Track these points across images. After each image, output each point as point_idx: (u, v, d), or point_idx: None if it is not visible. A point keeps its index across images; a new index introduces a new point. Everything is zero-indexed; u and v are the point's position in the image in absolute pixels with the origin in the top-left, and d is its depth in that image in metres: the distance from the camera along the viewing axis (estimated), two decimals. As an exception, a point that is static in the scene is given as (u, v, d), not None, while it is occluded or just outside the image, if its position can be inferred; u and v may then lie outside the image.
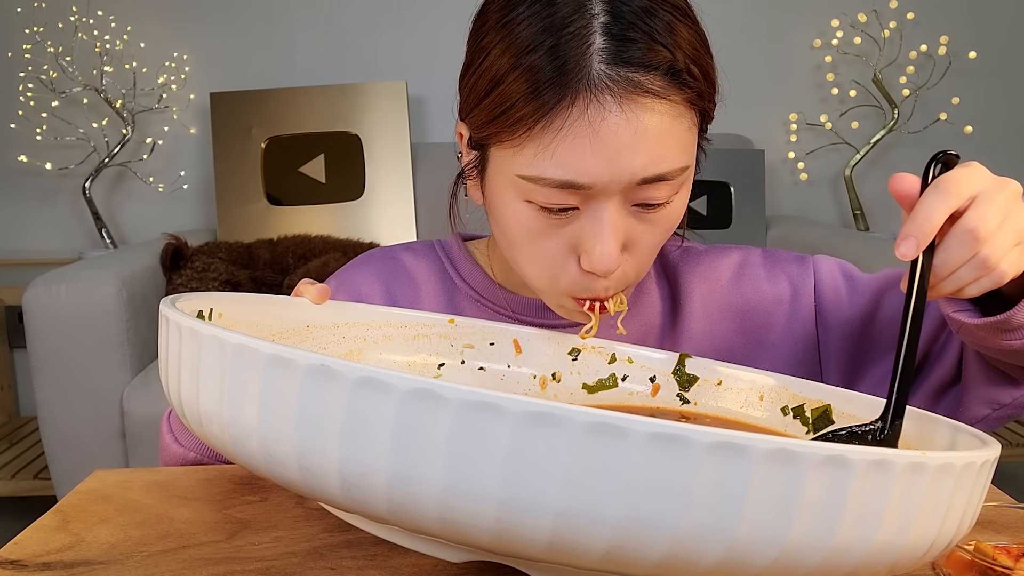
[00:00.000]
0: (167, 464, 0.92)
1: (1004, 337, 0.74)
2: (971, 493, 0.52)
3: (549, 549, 0.47)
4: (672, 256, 1.02)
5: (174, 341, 0.59)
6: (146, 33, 3.09)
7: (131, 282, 2.24)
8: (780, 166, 3.23)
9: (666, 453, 0.44)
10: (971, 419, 0.88)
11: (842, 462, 0.45)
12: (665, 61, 0.74)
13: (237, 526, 0.73)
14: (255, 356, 0.51)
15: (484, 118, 0.79)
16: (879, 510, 0.47)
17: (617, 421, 0.44)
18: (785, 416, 0.80)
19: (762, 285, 0.99)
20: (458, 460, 0.46)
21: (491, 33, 0.79)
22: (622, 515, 0.45)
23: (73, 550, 0.69)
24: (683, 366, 0.86)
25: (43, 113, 3.02)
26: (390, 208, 2.90)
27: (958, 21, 3.16)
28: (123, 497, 0.79)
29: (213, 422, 0.55)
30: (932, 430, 0.67)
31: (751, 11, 3.17)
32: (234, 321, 0.76)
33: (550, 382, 0.89)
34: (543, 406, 0.44)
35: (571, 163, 0.74)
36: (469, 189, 0.89)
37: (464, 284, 1.00)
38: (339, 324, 0.85)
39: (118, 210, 3.18)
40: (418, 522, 0.49)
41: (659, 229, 0.81)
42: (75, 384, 2.16)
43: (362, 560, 0.67)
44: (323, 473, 0.49)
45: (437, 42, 3.13)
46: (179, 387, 0.59)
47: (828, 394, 0.78)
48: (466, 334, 0.89)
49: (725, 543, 0.46)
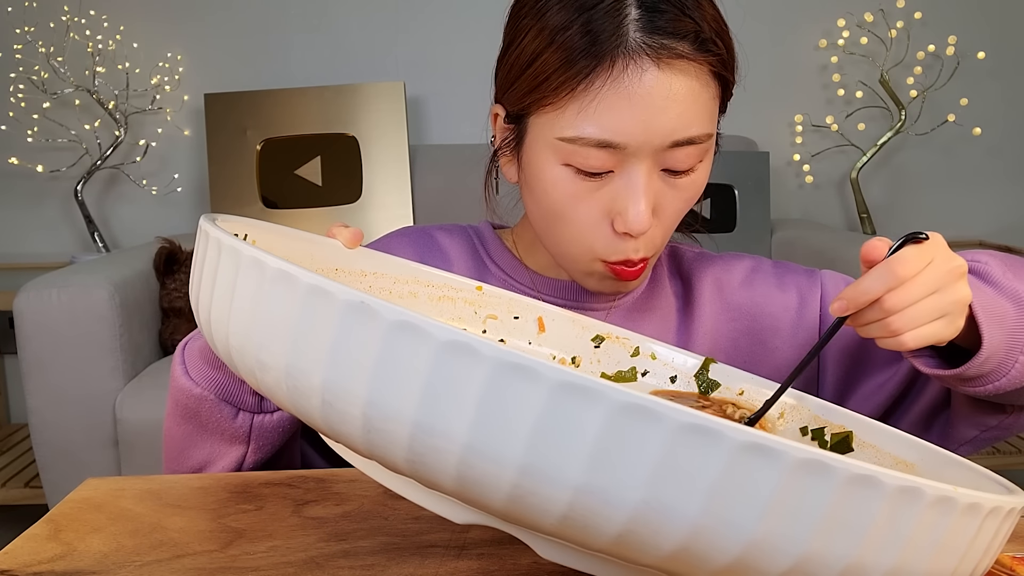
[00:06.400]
0: (172, 398, 0.91)
1: (966, 386, 0.83)
2: (994, 537, 0.51)
3: (561, 524, 0.46)
4: (688, 258, 1.08)
5: (212, 257, 0.59)
6: (139, 33, 3.07)
7: (124, 287, 2.23)
8: (785, 168, 3.21)
9: (697, 445, 0.43)
10: (960, 440, 0.94)
11: (873, 482, 0.44)
12: (692, 30, 0.83)
13: (232, 535, 0.73)
14: (294, 284, 0.51)
15: (526, 88, 0.86)
16: (902, 536, 0.46)
17: (653, 405, 0.43)
18: (804, 436, 0.79)
19: (772, 291, 1.03)
20: (485, 420, 0.45)
21: (528, 17, 0.87)
22: (641, 500, 0.44)
23: (65, 560, 0.68)
24: (706, 370, 0.86)
25: (34, 115, 3.01)
26: (388, 211, 2.87)
27: (966, 21, 3.14)
28: (116, 506, 0.79)
29: (243, 346, 0.55)
30: (956, 473, 0.66)
31: (755, 10, 3.14)
32: (266, 250, 0.76)
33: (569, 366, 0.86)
34: (579, 378, 0.43)
35: (609, 122, 0.82)
36: (503, 167, 0.96)
37: (494, 265, 1.04)
38: (367, 273, 0.86)
39: (110, 213, 3.16)
40: (434, 477, 0.48)
41: (684, 196, 0.89)
42: (67, 391, 2.16)
43: (359, 570, 0.67)
44: (347, 413, 0.49)
45: (436, 42, 3.10)
46: (210, 305, 0.58)
47: (851, 421, 0.77)
48: (492, 303, 0.90)
49: (741, 545, 0.45)
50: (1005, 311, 0.81)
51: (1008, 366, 0.81)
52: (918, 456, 0.69)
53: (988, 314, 0.80)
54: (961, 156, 3.21)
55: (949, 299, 0.74)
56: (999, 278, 0.83)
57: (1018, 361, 0.81)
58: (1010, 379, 0.81)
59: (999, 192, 3.25)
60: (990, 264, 0.84)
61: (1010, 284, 0.83)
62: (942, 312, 0.74)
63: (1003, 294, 0.82)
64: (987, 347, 0.79)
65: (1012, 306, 0.82)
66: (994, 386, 0.82)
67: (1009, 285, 0.82)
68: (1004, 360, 0.81)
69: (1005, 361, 0.81)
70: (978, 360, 0.79)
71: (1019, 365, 0.81)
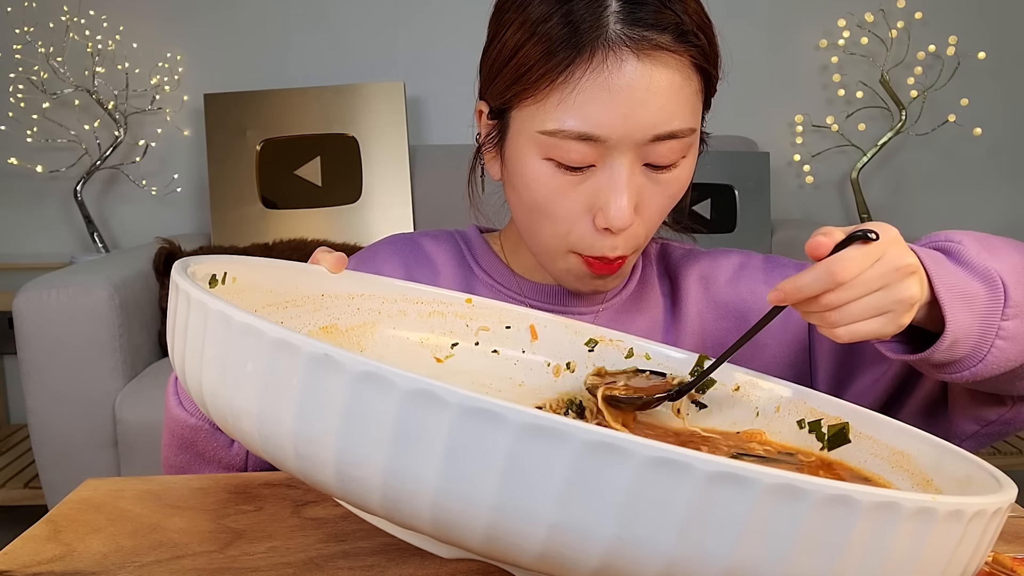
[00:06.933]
0: (168, 428, 0.92)
1: (943, 372, 0.81)
2: (979, 541, 0.50)
3: (540, 560, 0.47)
4: (674, 255, 1.07)
5: (182, 309, 0.59)
6: (139, 33, 3.06)
7: (123, 287, 2.23)
8: (785, 169, 3.20)
9: (667, 477, 0.43)
10: (960, 435, 0.92)
11: (847, 502, 0.44)
12: (673, 22, 0.82)
13: (231, 536, 0.73)
14: (260, 337, 0.51)
15: (508, 81, 0.86)
16: (883, 552, 0.46)
17: (619, 441, 0.43)
18: (801, 429, 0.79)
19: (759, 287, 1.02)
20: (454, 463, 0.46)
21: (511, 11, 0.86)
22: (616, 535, 0.44)
23: (64, 560, 0.68)
24: (701, 367, 0.85)
25: (34, 115, 3.00)
26: (388, 211, 2.87)
27: (967, 21, 3.13)
28: (115, 506, 0.79)
29: (214, 396, 0.56)
30: (952, 463, 0.65)
31: (756, 11, 3.14)
32: (248, 286, 0.76)
33: (564, 371, 0.88)
34: (544, 419, 0.44)
35: (590, 114, 0.82)
36: (487, 164, 0.95)
37: (481, 271, 1.03)
38: (354, 295, 0.85)
39: (110, 213, 3.15)
40: (410, 519, 0.49)
41: (667, 192, 0.88)
42: (66, 391, 2.15)
43: (359, 571, 0.67)
44: (319, 461, 0.50)
45: (436, 42, 3.10)
46: (183, 356, 0.59)
47: (847, 412, 0.77)
48: (482, 315, 0.89)
49: (720, 572, 0.45)
50: (975, 292, 0.78)
51: (982, 351, 0.78)
52: (915, 446, 0.69)
53: (954, 296, 0.77)
54: (961, 156, 3.21)
55: (892, 298, 0.72)
56: (971, 257, 0.79)
57: (994, 346, 0.78)
58: (987, 365, 0.78)
59: (999, 192, 3.24)
60: (964, 243, 0.81)
61: (983, 263, 0.79)
62: (882, 310, 0.72)
63: (974, 274, 0.79)
64: (952, 330, 0.76)
65: (983, 287, 0.78)
66: (971, 372, 0.79)
67: (981, 264, 0.79)
68: (978, 345, 0.78)
69: (979, 346, 0.78)
70: (943, 344, 0.77)
71: (996, 351, 0.78)
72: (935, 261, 0.78)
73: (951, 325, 0.76)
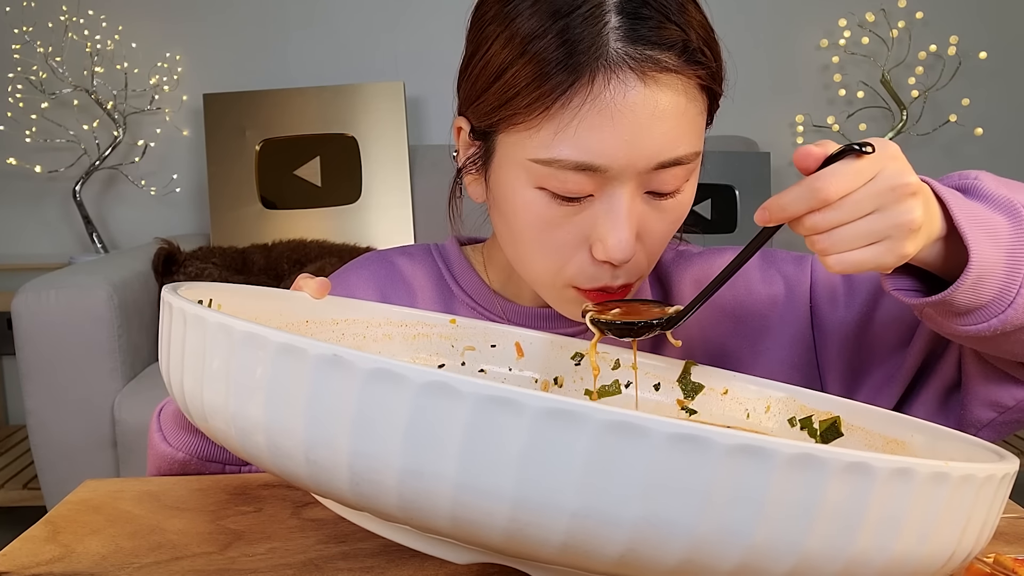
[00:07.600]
0: (154, 464, 0.90)
1: (964, 324, 0.73)
2: (991, 505, 0.52)
3: (562, 551, 0.46)
4: (665, 259, 1.00)
5: (177, 329, 0.58)
6: (138, 33, 3.06)
7: (122, 288, 2.23)
8: (786, 169, 3.20)
9: (686, 454, 0.43)
10: (976, 423, 0.86)
11: (865, 469, 0.45)
12: (679, 39, 0.75)
13: (231, 537, 0.73)
14: (264, 345, 0.50)
15: (494, 103, 0.78)
16: (900, 519, 0.47)
17: (638, 420, 0.43)
18: (792, 427, 0.80)
19: (755, 286, 0.97)
20: (472, 456, 0.45)
21: (494, 23, 0.79)
22: (639, 517, 0.44)
23: (63, 561, 0.68)
24: (688, 374, 0.85)
25: (32, 115, 3.00)
26: (387, 212, 2.87)
27: (968, 21, 3.13)
28: (114, 507, 0.79)
29: (218, 414, 0.55)
30: (948, 445, 0.66)
31: (756, 10, 3.14)
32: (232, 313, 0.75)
33: (552, 387, 0.88)
34: (562, 402, 0.43)
35: (589, 143, 0.74)
36: (468, 186, 0.88)
37: (461, 291, 0.98)
38: (339, 320, 0.85)
39: (109, 214, 3.15)
40: (429, 520, 0.48)
41: (670, 218, 0.82)
42: (65, 392, 2.16)
43: (359, 572, 0.67)
44: (332, 468, 0.49)
45: (435, 41, 3.10)
46: (182, 378, 0.58)
47: (837, 406, 0.77)
48: (467, 335, 0.89)
49: (743, 548, 0.45)
50: (997, 225, 0.71)
51: (1011, 291, 0.71)
52: (908, 433, 0.70)
53: (976, 226, 0.69)
54: (963, 156, 3.20)
55: (889, 222, 0.65)
56: (991, 191, 0.73)
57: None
58: (1017, 310, 0.71)
59: (1000, 192, 3.23)
60: (981, 179, 0.74)
61: (1004, 195, 0.72)
62: (878, 236, 0.65)
63: (996, 207, 0.72)
64: (977, 261, 0.69)
65: (1007, 220, 0.71)
66: (999, 320, 0.71)
67: (1003, 196, 0.72)
68: (1005, 284, 0.70)
69: (1007, 285, 0.70)
70: (967, 280, 0.69)
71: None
72: (951, 194, 0.71)
73: (976, 256, 0.69)
